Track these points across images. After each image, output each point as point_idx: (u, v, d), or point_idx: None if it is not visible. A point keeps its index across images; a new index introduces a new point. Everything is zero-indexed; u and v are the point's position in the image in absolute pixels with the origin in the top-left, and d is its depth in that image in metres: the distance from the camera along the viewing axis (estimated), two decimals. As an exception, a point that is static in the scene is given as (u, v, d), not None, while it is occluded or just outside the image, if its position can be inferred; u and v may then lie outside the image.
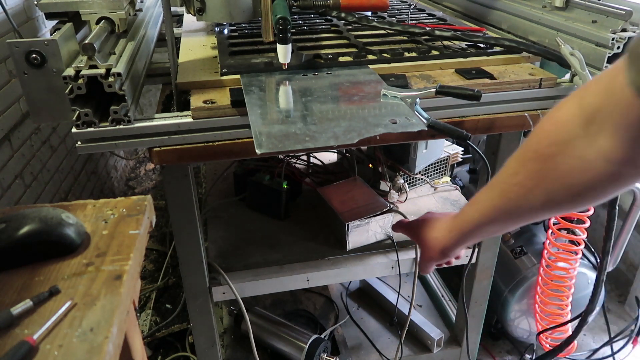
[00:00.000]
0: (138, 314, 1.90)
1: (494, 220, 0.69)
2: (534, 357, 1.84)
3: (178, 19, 1.66)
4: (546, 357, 1.40)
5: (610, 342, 1.76)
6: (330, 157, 1.85)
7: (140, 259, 0.69)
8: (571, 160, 0.55)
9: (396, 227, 0.97)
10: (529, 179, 0.60)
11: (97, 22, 1.07)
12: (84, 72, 0.87)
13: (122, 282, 0.60)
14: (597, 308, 1.71)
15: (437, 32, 1.25)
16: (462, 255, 0.89)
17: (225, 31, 1.39)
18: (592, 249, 1.70)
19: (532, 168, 0.60)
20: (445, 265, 0.90)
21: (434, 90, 0.97)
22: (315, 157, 1.80)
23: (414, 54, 1.20)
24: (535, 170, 0.59)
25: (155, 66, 1.30)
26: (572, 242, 1.54)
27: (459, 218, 0.77)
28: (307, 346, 1.51)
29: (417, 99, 0.96)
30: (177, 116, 0.98)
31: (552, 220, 1.53)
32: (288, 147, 0.83)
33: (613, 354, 1.78)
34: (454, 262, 0.93)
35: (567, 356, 1.74)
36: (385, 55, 1.17)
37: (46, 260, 0.64)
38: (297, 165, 1.76)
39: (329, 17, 1.47)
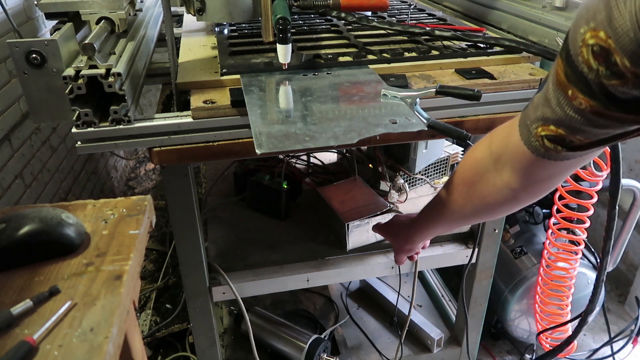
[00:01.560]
0: (138, 314, 1.90)
1: (439, 224, 0.94)
2: (534, 357, 1.84)
3: (178, 19, 1.66)
4: (546, 357, 1.40)
5: (610, 342, 1.76)
6: (330, 157, 1.85)
7: (140, 259, 0.69)
8: (487, 186, 0.77)
9: (375, 228, 1.19)
10: (461, 198, 0.83)
11: (97, 22, 1.06)
12: (84, 72, 0.87)
13: (122, 282, 0.60)
14: (597, 308, 1.72)
15: (437, 32, 1.25)
16: (427, 246, 1.13)
17: (225, 31, 1.39)
18: (592, 249, 1.70)
19: (461, 191, 0.82)
20: (415, 255, 1.13)
21: (434, 90, 0.97)
22: (315, 157, 1.80)
23: (414, 54, 1.20)
24: (464, 193, 0.82)
25: (155, 66, 1.29)
26: (572, 242, 1.54)
27: (415, 222, 1.01)
28: (307, 346, 1.51)
29: (417, 99, 0.96)
30: (177, 116, 0.98)
31: (552, 220, 1.53)
32: (288, 147, 0.83)
33: (613, 354, 1.78)
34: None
35: (567, 356, 1.74)
36: (385, 55, 1.17)
37: (46, 260, 0.64)
38: (297, 165, 1.76)
39: (329, 17, 1.47)
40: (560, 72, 0.55)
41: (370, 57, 1.17)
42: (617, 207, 1.05)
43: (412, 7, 1.61)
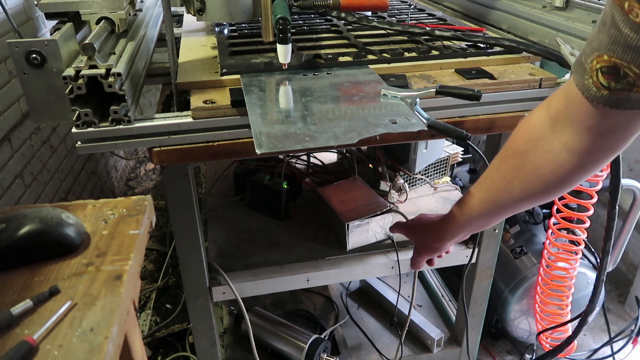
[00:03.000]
0: (138, 314, 1.90)
1: (480, 213, 0.81)
2: (534, 357, 1.84)
3: (178, 19, 1.66)
4: (546, 357, 1.40)
5: (610, 342, 1.76)
6: (330, 157, 1.85)
7: (140, 259, 0.69)
8: (542, 153, 0.68)
9: (394, 228, 1.07)
10: (509, 172, 0.73)
11: (97, 22, 1.06)
12: (84, 72, 0.87)
13: (122, 282, 0.60)
14: (597, 308, 1.71)
15: (437, 32, 1.25)
16: (452, 250, 1.03)
17: (225, 31, 1.39)
18: (592, 249, 1.70)
19: (511, 163, 0.72)
20: (436, 259, 1.01)
21: (434, 90, 0.97)
22: (315, 157, 1.80)
23: (414, 54, 1.20)
24: (514, 165, 0.72)
25: (155, 66, 1.29)
26: (572, 242, 1.54)
27: (450, 216, 0.88)
28: (307, 346, 1.51)
29: (417, 99, 0.96)
30: (177, 116, 0.98)
31: (552, 220, 1.53)
32: (288, 147, 0.83)
33: (613, 354, 1.78)
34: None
35: (567, 356, 1.74)
36: (385, 55, 1.17)
37: (46, 260, 0.64)
38: (297, 165, 1.76)
39: (329, 17, 1.47)
40: None
41: (370, 57, 1.17)
42: (617, 207, 1.05)
43: (412, 7, 1.61)
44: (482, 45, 1.24)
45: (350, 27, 1.40)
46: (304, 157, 1.79)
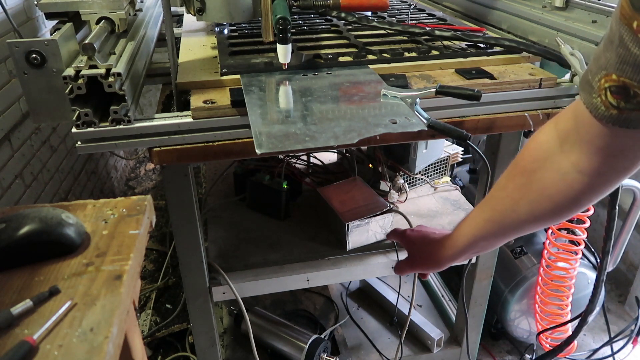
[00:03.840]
0: (138, 314, 1.90)
1: (485, 234, 0.78)
2: (534, 357, 1.84)
3: (178, 19, 1.66)
4: (546, 357, 1.40)
5: (610, 342, 1.76)
6: (330, 157, 1.85)
7: (140, 259, 0.69)
8: (550, 173, 0.65)
9: (391, 235, 1.06)
10: (516, 191, 0.70)
11: (97, 22, 1.06)
12: (84, 72, 0.87)
13: (122, 282, 0.60)
14: (597, 308, 1.71)
15: (437, 32, 1.25)
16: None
17: (225, 31, 1.39)
18: (592, 249, 1.70)
19: (518, 182, 0.70)
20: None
21: (434, 90, 0.97)
22: (315, 157, 1.80)
23: (414, 54, 1.20)
24: (521, 184, 0.69)
25: (155, 66, 1.30)
26: (572, 242, 1.54)
27: (453, 234, 0.84)
28: (307, 346, 1.51)
29: (417, 99, 0.96)
30: (177, 116, 0.98)
31: (552, 220, 1.53)
32: (288, 147, 0.83)
33: (613, 354, 1.78)
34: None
35: (567, 356, 1.74)
36: (385, 55, 1.17)
37: (46, 260, 0.64)
38: (297, 165, 1.76)
39: (329, 17, 1.47)
40: (624, 4, 0.51)
41: (370, 57, 1.17)
42: (617, 207, 1.05)
43: (412, 7, 1.61)
44: (482, 45, 1.24)
45: (350, 27, 1.40)
46: (304, 157, 1.79)
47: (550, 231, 1.55)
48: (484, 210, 0.77)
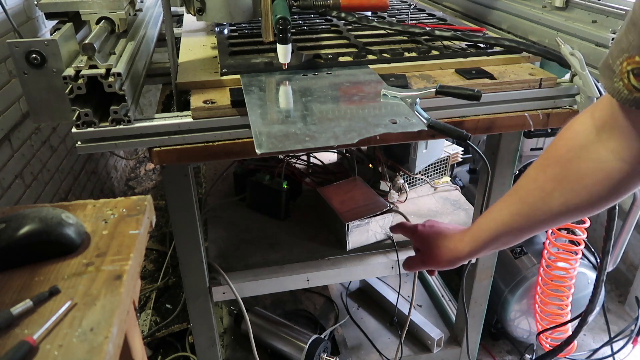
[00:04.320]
0: (138, 314, 1.90)
1: (511, 228, 0.73)
2: (534, 357, 1.84)
3: (178, 19, 1.66)
4: (546, 357, 1.40)
5: (610, 342, 1.76)
6: (330, 157, 1.85)
7: (140, 259, 0.69)
8: (588, 162, 0.63)
9: (396, 228, 0.99)
10: (549, 183, 0.67)
11: (97, 22, 1.06)
12: (84, 72, 0.87)
13: (122, 282, 0.60)
14: (597, 308, 1.71)
15: (437, 32, 1.25)
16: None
17: (225, 31, 1.39)
18: (592, 249, 1.70)
19: (551, 172, 0.67)
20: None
21: (434, 90, 0.97)
22: (315, 157, 1.80)
23: (414, 54, 1.20)
24: (554, 174, 0.66)
25: (155, 66, 1.30)
26: (572, 242, 1.54)
27: (473, 228, 0.80)
28: (307, 346, 1.51)
29: (417, 99, 0.96)
30: (177, 116, 0.98)
31: (552, 220, 1.53)
32: (288, 147, 0.82)
33: (613, 354, 1.78)
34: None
35: (567, 356, 1.74)
36: (385, 55, 1.17)
37: (46, 260, 0.64)
38: (297, 165, 1.76)
39: (329, 17, 1.47)
40: None
41: (370, 57, 1.17)
42: (617, 207, 1.05)
43: (412, 7, 1.61)
44: (482, 45, 1.24)
45: (350, 27, 1.40)
46: (304, 157, 1.79)
47: (550, 231, 1.55)
48: (511, 203, 0.73)
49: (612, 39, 1.07)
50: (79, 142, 0.93)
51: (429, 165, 1.64)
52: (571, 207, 0.67)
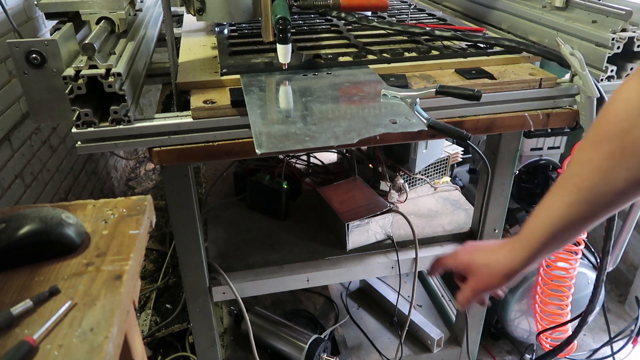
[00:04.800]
0: (138, 314, 1.90)
1: (570, 220, 0.65)
2: (534, 357, 1.84)
3: (178, 19, 1.66)
4: (546, 357, 1.40)
5: (610, 342, 1.76)
6: (330, 157, 1.85)
7: (140, 259, 0.69)
8: None
9: (435, 267, 0.87)
10: (606, 160, 0.60)
11: (97, 22, 1.07)
12: (84, 72, 0.87)
13: (122, 282, 0.60)
14: (597, 308, 1.71)
15: (437, 32, 1.25)
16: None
17: (225, 31, 1.39)
18: (592, 249, 1.70)
19: (607, 148, 0.60)
20: (487, 299, 0.81)
21: (434, 90, 0.97)
22: (315, 157, 1.80)
23: (414, 54, 1.20)
24: (611, 150, 0.59)
25: (155, 66, 1.29)
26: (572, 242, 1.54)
27: (524, 233, 0.71)
28: (307, 346, 1.51)
29: (417, 99, 0.96)
30: (177, 116, 0.98)
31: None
32: (288, 147, 0.83)
33: (613, 354, 1.78)
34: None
35: (567, 356, 1.73)
36: (385, 55, 1.17)
37: (46, 260, 0.64)
38: (297, 165, 1.76)
39: (329, 17, 1.47)
40: None
41: (370, 57, 1.17)
42: (617, 207, 1.05)
43: (412, 7, 1.61)
44: (482, 45, 1.24)
45: (350, 27, 1.40)
46: (304, 157, 1.79)
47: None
48: (564, 194, 0.65)
49: (612, 38, 1.07)
50: (79, 142, 0.93)
51: (429, 165, 1.64)
52: (638, 181, 0.60)
